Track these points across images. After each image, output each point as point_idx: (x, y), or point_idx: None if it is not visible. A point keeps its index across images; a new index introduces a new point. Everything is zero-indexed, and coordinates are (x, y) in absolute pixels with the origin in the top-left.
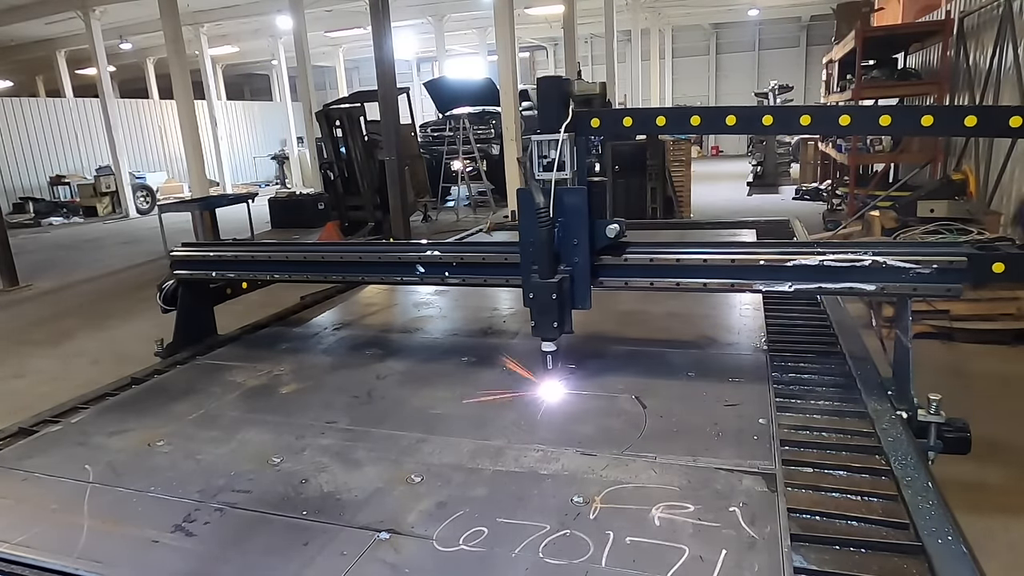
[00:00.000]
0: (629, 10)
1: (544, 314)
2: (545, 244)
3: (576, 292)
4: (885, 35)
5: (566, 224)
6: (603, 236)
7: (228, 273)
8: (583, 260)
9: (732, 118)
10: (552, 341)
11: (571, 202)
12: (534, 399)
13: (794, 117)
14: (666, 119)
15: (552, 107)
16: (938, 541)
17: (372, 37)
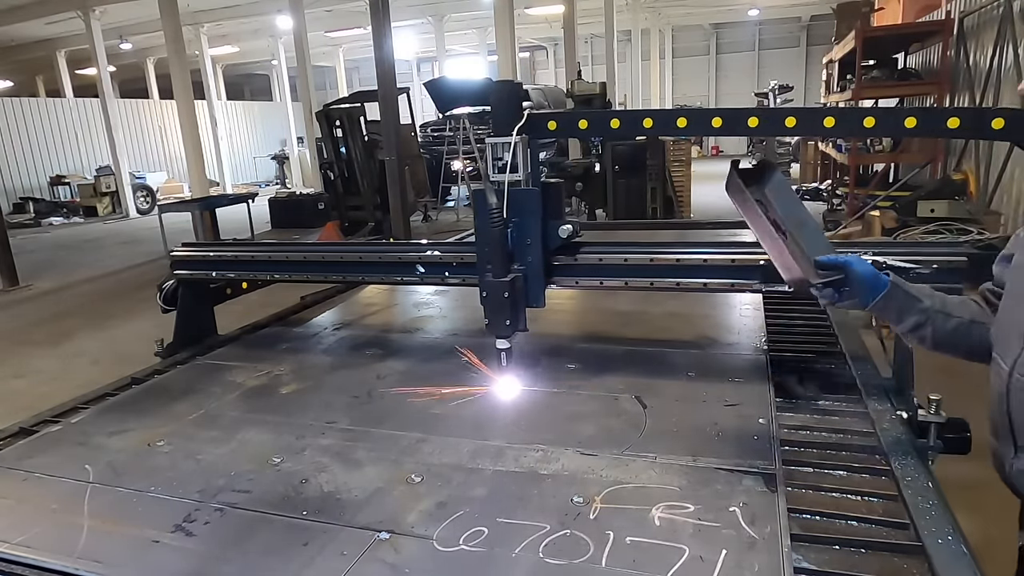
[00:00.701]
0: (629, 10)
1: (497, 312)
2: (498, 244)
3: (530, 291)
4: (885, 35)
5: (519, 224)
6: (556, 236)
7: (228, 273)
8: (536, 260)
9: (683, 120)
10: (506, 339)
11: (524, 203)
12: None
13: (743, 119)
14: (620, 122)
15: (505, 110)
16: (938, 541)
17: (372, 37)
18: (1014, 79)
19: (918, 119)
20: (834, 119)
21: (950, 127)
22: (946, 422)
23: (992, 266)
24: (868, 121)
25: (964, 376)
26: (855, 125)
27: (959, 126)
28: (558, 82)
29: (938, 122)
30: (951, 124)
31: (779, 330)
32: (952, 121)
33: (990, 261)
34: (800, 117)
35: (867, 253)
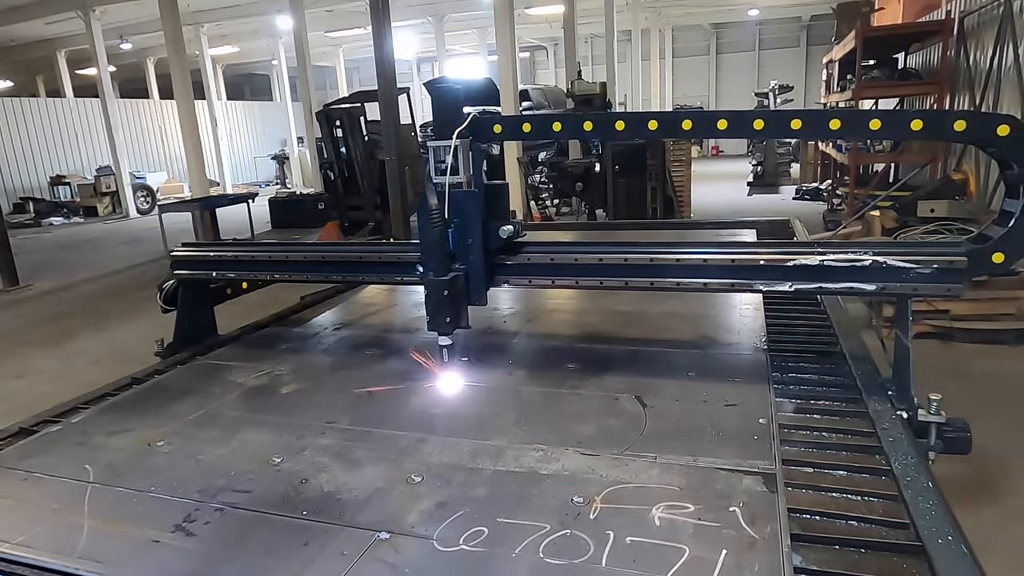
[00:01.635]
0: (629, 10)
1: (437, 310)
2: (437, 244)
3: (472, 290)
4: (885, 35)
5: (460, 225)
6: (498, 237)
7: (228, 273)
8: (477, 259)
9: (620, 123)
10: (447, 336)
11: (464, 205)
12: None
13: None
14: (561, 125)
15: (446, 114)
16: (938, 541)
17: (372, 37)
18: (1014, 79)
19: (883, 121)
20: (840, 121)
21: (913, 129)
22: (946, 422)
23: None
24: (834, 123)
25: (965, 376)
26: (861, 127)
27: (922, 128)
28: (558, 82)
29: (903, 124)
30: (915, 126)
31: (779, 330)
32: (916, 123)
33: (989, 253)
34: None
35: (867, 253)
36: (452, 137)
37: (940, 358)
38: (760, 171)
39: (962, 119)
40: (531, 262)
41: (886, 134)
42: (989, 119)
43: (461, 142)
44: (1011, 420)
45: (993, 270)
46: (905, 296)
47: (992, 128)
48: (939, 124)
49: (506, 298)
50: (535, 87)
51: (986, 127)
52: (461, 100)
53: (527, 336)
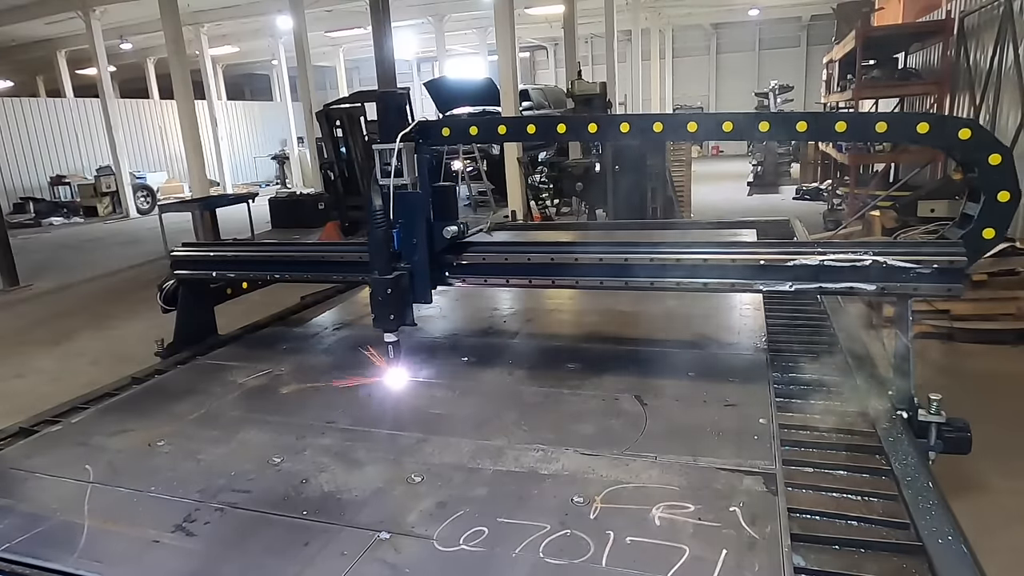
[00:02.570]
0: (629, 10)
1: (382, 307)
2: (381, 244)
3: (416, 288)
4: (885, 35)
5: (406, 225)
6: (443, 237)
7: (228, 273)
8: (422, 258)
9: (562, 126)
10: (393, 332)
11: (409, 206)
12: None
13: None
14: (506, 128)
15: (390, 119)
16: (938, 541)
17: (372, 37)
18: (1014, 79)
19: (848, 123)
20: (806, 124)
21: (879, 131)
22: (946, 422)
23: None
24: (801, 125)
25: (965, 376)
26: (827, 130)
27: (887, 130)
28: (558, 82)
29: (867, 126)
30: (879, 128)
31: (779, 330)
32: (880, 125)
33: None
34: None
35: (867, 253)
36: (396, 140)
37: (940, 358)
38: (760, 171)
39: (925, 122)
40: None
41: (851, 136)
42: (951, 123)
43: (405, 145)
44: (1011, 420)
45: (988, 245)
46: (905, 296)
47: (954, 132)
48: (902, 127)
49: (506, 298)
50: (535, 87)
51: (948, 131)
52: (404, 106)
53: (527, 336)
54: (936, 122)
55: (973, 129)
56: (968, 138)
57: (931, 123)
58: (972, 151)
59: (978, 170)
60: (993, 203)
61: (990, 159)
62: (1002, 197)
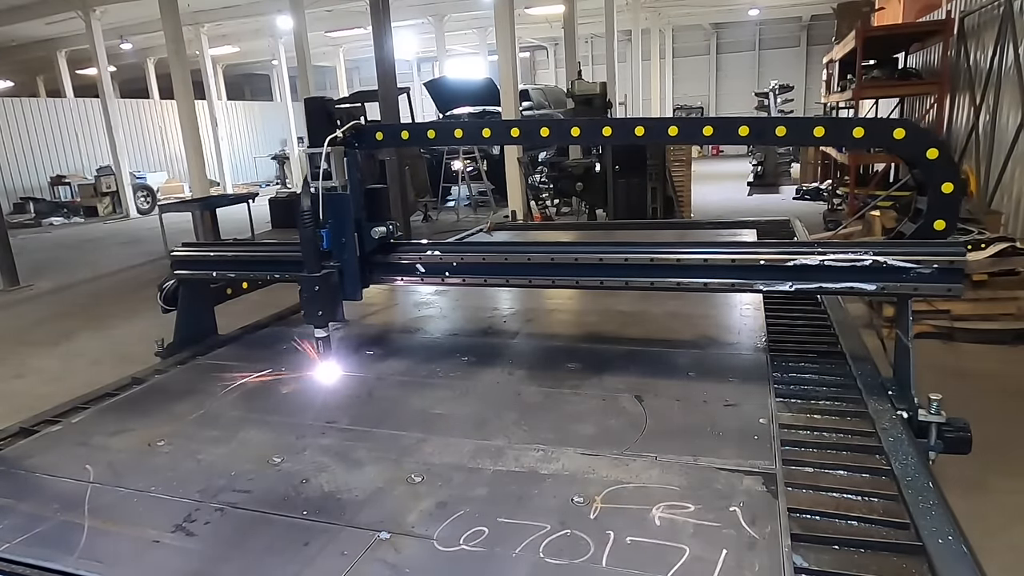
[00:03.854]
0: (629, 10)
1: (310, 304)
2: (309, 242)
3: (346, 286)
4: (886, 35)
5: (335, 225)
6: (371, 238)
7: (228, 273)
8: (351, 257)
9: (487, 131)
10: (322, 328)
11: (337, 206)
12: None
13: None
14: (435, 133)
15: (317, 124)
16: (939, 541)
17: (372, 37)
18: (1014, 79)
19: (787, 128)
20: (748, 128)
21: (816, 136)
22: (947, 422)
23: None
24: (743, 130)
25: (965, 376)
26: (768, 135)
27: (824, 135)
28: (558, 82)
29: (806, 131)
30: (817, 133)
31: (779, 330)
32: (818, 130)
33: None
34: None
35: (867, 253)
36: (323, 145)
37: (940, 358)
38: (760, 171)
39: (860, 126)
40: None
41: (791, 140)
42: (885, 125)
43: (333, 150)
44: (1012, 420)
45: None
46: (905, 296)
47: (889, 133)
48: (839, 131)
49: (506, 298)
50: (535, 87)
51: (884, 132)
52: (331, 112)
53: (527, 336)
54: (871, 125)
55: (907, 128)
56: (903, 137)
57: (866, 127)
58: (910, 148)
59: (919, 166)
60: (939, 195)
61: (928, 154)
62: (946, 188)
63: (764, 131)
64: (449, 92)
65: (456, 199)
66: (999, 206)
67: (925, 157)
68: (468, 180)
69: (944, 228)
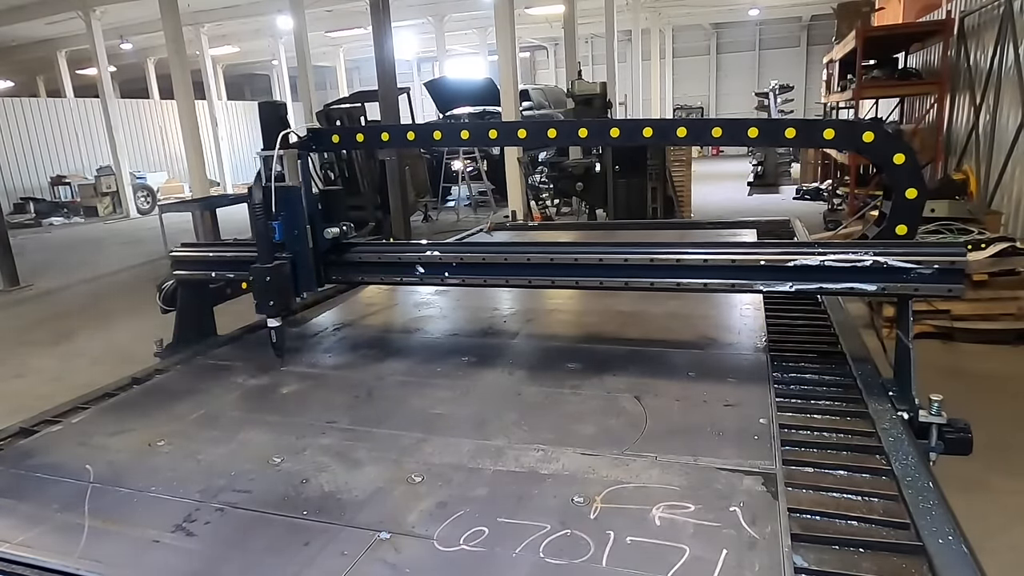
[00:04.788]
0: (629, 10)
1: (262, 294)
2: (261, 234)
3: (300, 278)
4: (886, 35)
5: (287, 218)
6: (324, 238)
7: (228, 273)
8: (304, 250)
9: (438, 133)
10: (275, 317)
11: (288, 199)
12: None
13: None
14: (389, 135)
15: (271, 128)
16: (939, 541)
17: (372, 37)
18: (1014, 79)
19: (760, 130)
20: (721, 129)
21: (788, 137)
22: (947, 423)
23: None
24: (716, 131)
25: (966, 376)
26: (740, 135)
27: (795, 136)
28: (558, 82)
29: (778, 133)
30: (788, 135)
31: (779, 330)
32: (789, 132)
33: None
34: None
35: (868, 253)
36: (275, 147)
37: (941, 358)
38: (760, 171)
39: (830, 128)
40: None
41: (762, 141)
42: (855, 127)
43: (287, 153)
44: (1012, 420)
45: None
46: (906, 296)
47: (858, 135)
48: (810, 132)
49: (506, 298)
50: (535, 87)
51: (853, 135)
52: (283, 117)
53: (527, 336)
54: (840, 127)
55: (875, 132)
56: (872, 140)
57: (836, 128)
58: (878, 152)
59: (886, 169)
60: (903, 200)
61: (895, 159)
62: (910, 194)
63: (737, 132)
64: (449, 92)
65: (456, 199)
66: (999, 206)
67: (892, 161)
68: (468, 180)
69: (906, 233)
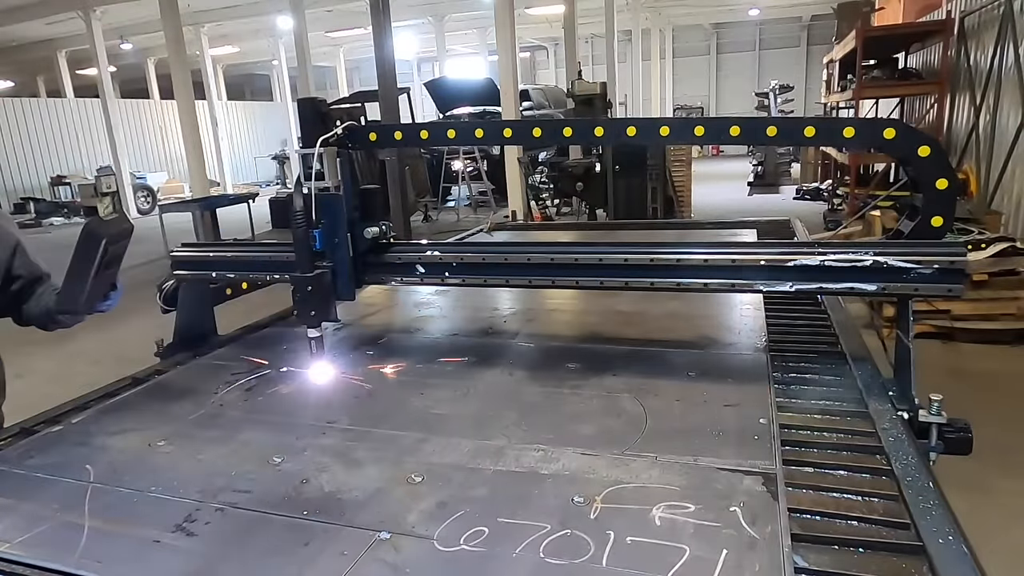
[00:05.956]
0: (630, 10)
1: (303, 304)
2: (302, 243)
3: (339, 286)
4: (886, 35)
5: (328, 226)
6: (363, 239)
7: (228, 273)
8: (343, 257)
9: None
10: (315, 328)
11: (330, 207)
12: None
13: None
14: (428, 133)
15: (310, 125)
16: (939, 541)
17: (372, 37)
18: (1015, 79)
19: (778, 128)
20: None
21: (807, 136)
22: (948, 422)
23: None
24: (771, 131)
25: (966, 376)
26: (759, 135)
27: (815, 135)
28: (559, 82)
29: (797, 131)
30: (808, 133)
31: (780, 330)
32: (808, 130)
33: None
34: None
35: (868, 253)
36: (316, 145)
37: (941, 358)
38: (760, 171)
39: (850, 126)
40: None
41: (782, 141)
42: (876, 125)
43: (326, 150)
44: (1012, 420)
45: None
46: (906, 296)
47: (879, 132)
48: (830, 131)
49: (506, 298)
50: (535, 87)
51: (874, 132)
52: (324, 112)
53: (527, 336)
54: (861, 125)
55: (896, 128)
56: (894, 136)
57: (856, 127)
58: (901, 147)
59: (912, 164)
60: (934, 192)
61: (920, 152)
62: (940, 185)
63: (755, 131)
64: (449, 92)
65: (456, 199)
66: (999, 206)
67: (917, 155)
68: (468, 180)
69: (942, 224)
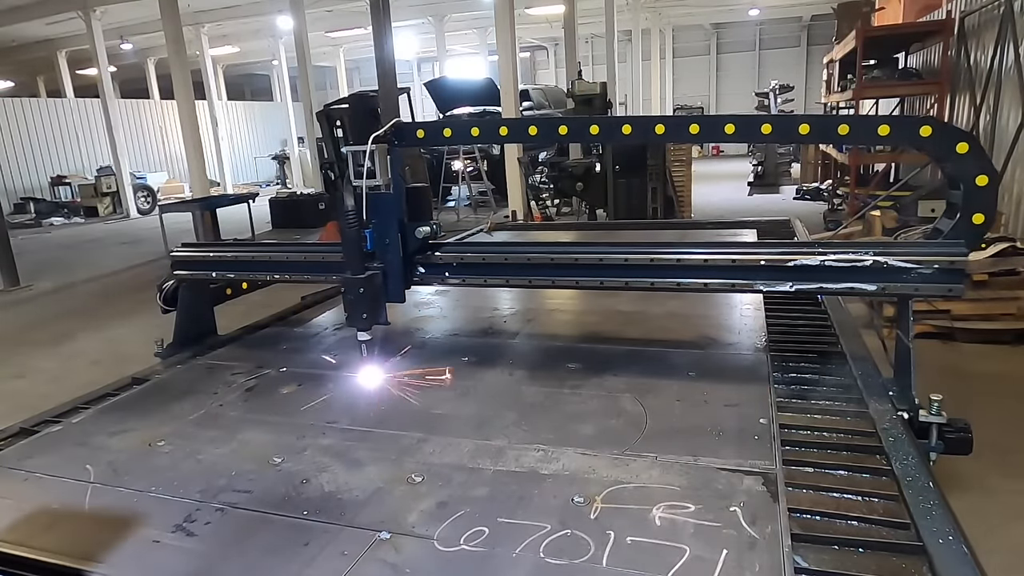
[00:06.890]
0: (630, 10)
1: (354, 307)
2: (353, 244)
3: (390, 287)
4: (886, 35)
5: (379, 226)
6: (414, 238)
7: (228, 273)
8: (395, 258)
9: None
10: (366, 331)
11: (381, 207)
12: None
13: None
14: (479, 130)
15: (361, 121)
16: (939, 541)
17: (372, 37)
18: (1015, 79)
19: (811, 126)
20: (771, 126)
21: (881, 135)
22: (948, 422)
23: None
24: (766, 128)
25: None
26: (791, 132)
27: (849, 133)
28: (559, 82)
29: (830, 128)
30: (882, 132)
31: (780, 330)
32: (842, 128)
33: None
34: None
35: (868, 253)
36: (368, 142)
37: (941, 358)
38: (760, 171)
39: (885, 124)
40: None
41: (815, 138)
42: (912, 122)
43: (378, 147)
44: (1012, 420)
45: (980, 231)
46: (906, 296)
47: (915, 130)
48: (865, 129)
49: (506, 298)
50: (535, 87)
51: (910, 130)
52: (375, 108)
53: (527, 336)
54: (896, 123)
55: (932, 126)
56: (930, 134)
57: (891, 124)
58: (938, 145)
59: (950, 161)
60: (975, 189)
61: (958, 148)
62: (980, 181)
63: (786, 129)
64: (449, 92)
65: (456, 199)
66: (999, 206)
67: (955, 152)
68: (468, 180)
69: (983, 221)
